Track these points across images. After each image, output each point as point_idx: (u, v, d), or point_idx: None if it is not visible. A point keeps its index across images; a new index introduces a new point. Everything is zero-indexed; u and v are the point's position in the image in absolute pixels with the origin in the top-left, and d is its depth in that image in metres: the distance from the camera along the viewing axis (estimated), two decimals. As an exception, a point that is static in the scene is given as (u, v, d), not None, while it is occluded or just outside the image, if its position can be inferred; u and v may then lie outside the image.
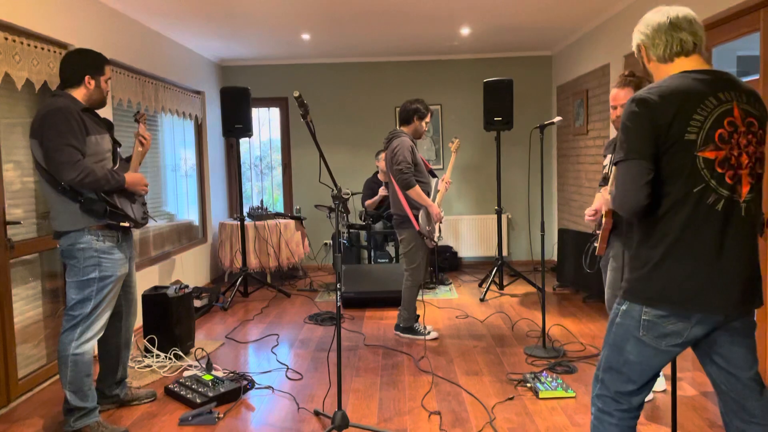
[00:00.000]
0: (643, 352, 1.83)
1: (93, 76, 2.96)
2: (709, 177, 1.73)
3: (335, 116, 7.42)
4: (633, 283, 1.84)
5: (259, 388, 3.59)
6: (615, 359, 1.89)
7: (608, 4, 5.13)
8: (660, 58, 1.88)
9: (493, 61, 7.34)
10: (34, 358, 3.70)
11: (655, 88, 1.77)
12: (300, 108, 2.85)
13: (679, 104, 1.72)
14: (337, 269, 2.92)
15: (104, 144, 2.98)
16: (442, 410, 3.23)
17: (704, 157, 1.73)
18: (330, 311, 5.32)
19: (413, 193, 4.29)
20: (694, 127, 1.72)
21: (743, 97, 1.79)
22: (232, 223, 6.45)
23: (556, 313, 5.13)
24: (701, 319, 1.78)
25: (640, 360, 1.85)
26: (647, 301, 1.80)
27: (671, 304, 1.77)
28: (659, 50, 1.87)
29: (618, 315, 1.89)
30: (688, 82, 1.76)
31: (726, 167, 1.74)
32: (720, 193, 1.74)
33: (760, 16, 3.40)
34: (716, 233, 1.74)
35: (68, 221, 2.88)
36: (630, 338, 1.85)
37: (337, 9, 5.02)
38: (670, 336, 1.80)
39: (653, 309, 1.79)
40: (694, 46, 1.85)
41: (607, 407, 1.93)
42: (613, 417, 1.92)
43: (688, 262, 1.75)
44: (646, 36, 1.90)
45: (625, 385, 1.89)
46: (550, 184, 7.39)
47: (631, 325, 1.84)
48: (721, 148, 1.73)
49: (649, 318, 1.80)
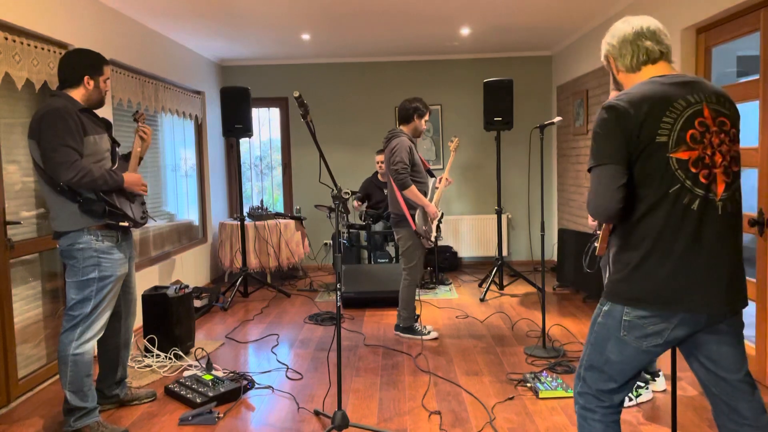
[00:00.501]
0: (624, 351, 1.85)
1: (92, 77, 2.96)
2: (683, 177, 1.75)
3: (335, 116, 7.42)
4: (614, 284, 1.86)
5: (259, 388, 3.59)
6: (596, 358, 1.91)
7: (608, 4, 5.13)
8: (628, 68, 1.92)
9: (493, 61, 7.34)
10: (34, 358, 3.70)
11: (624, 95, 1.80)
12: (300, 108, 2.85)
13: (648, 108, 1.75)
14: (337, 269, 2.92)
15: (103, 144, 2.98)
16: (442, 410, 3.23)
17: (677, 158, 1.75)
18: (330, 311, 5.32)
19: (409, 193, 4.31)
20: (665, 129, 1.74)
21: (713, 98, 1.81)
22: (232, 223, 6.45)
23: (556, 313, 5.13)
24: (683, 320, 1.78)
25: (621, 359, 1.86)
26: (628, 302, 1.82)
27: (651, 304, 1.78)
28: (626, 60, 1.91)
29: (600, 315, 1.91)
30: (656, 87, 1.79)
31: (700, 167, 1.76)
32: (695, 193, 1.75)
33: (760, 16, 3.40)
34: (693, 233, 1.76)
35: (67, 221, 2.88)
36: (611, 338, 1.86)
37: (337, 9, 5.02)
38: (651, 336, 1.81)
39: (634, 309, 1.81)
40: (660, 53, 1.88)
41: (589, 404, 1.95)
42: (596, 413, 1.93)
43: (667, 263, 1.77)
44: (612, 47, 1.94)
45: (606, 383, 1.91)
46: (550, 184, 7.39)
47: (613, 325, 1.85)
48: (693, 148, 1.75)
49: (630, 318, 1.82)
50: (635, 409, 3.17)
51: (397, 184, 4.31)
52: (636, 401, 3.22)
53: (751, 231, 3.46)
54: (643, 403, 3.23)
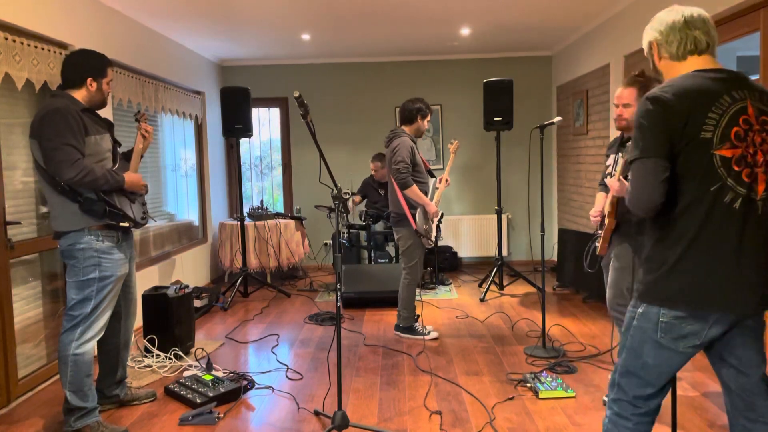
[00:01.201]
0: (661, 354, 1.82)
1: (95, 79, 2.96)
2: (725, 175, 1.72)
3: (335, 116, 7.42)
4: (650, 285, 1.82)
5: (259, 388, 3.59)
6: (633, 363, 1.87)
7: (608, 4, 5.13)
8: (673, 55, 1.87)
9: (493, 61, 7.34)
10: (34, 358, 3.70)
11: (669, 87, 1.76)
12: (300, 108, 2.85)
13: (693, 103, 1.72)
14: (337, 269, 2.92)
15: (104, 144, 2.98)
16: (442, 410, 3.23)
17: (721, 155, 1.71)
18: (330, 311, 5.32)
19: (410, 193, 4.32)
20: (710, 125, 1.71)
21: (756, 95, 1.78)
22: (232, 223, 6.45)
23: (556, 313, 5.13)
24: (718, 319, 1.76)
25: (658, 363, 1.83)
26: (665, 303, 1.78)
27: (689, 304, 1.75)
28: (673, 48, 1.86)
29: (635, 318, 1.86)
30: (701, 81, 1.76)
31: (743, 165, 1.73)
32: (737, 192, 1.73)
33: (760, 16, 3.40)
34: (734, 232, 1.73)
35: (68, 221, 2.88)
36: (648, 341, 1.83)
37: (337, 9, 5.02)
38: (688, 337, 1.78)
39: (671, 310, 1.78)
40: (707, 45, 1.85)
41: (624, 412, 1.91)
42: (630, 421, 1.90)
43: (706, 262, 1.74)
44: (660, 33, 1.88)
45: (643, 389, 1.87)
46: (550, 184, 7.39)
47: (649, 327, 1.82)
48: (737, 146, 1.72)
49: (667, 320, 1.78)
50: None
51: (399, 183, 4.32)
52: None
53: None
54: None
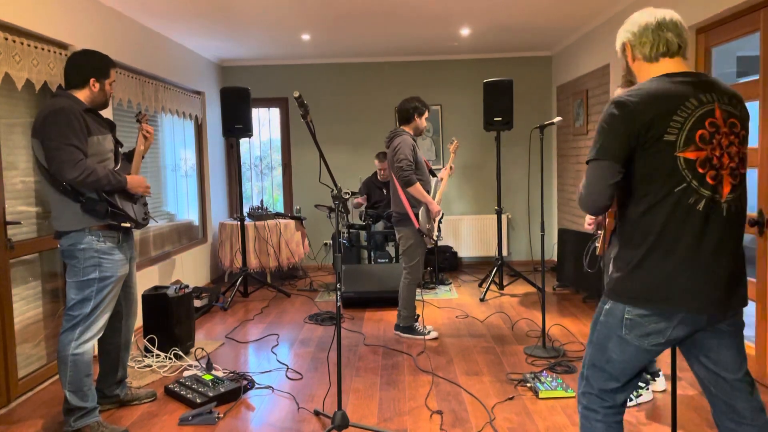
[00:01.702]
0: (626, 350, 1.85)
1: (98, 79, 2.96)
2: (690, 177, 1.74)
3: (335, 116, 7.42)
4: (615, 283, 1.86)
5: (259, 388, 3.59)
6: (598, 357, 1.91)
7: (608, 4, 5.13)
8: (646, 57, 1.89)
9: (493, 61, 7.34)
10: (34, 358, 3.70)
11: (635, 91, 1.79)
12: (300, 108, 2.85)
13: (658, 106, 1.74)
14: (337, 269, 2.92)
15: (106, 144, 2.98)
16: (442, 410, 3.23)
17: (685, 157, 1.74)
18: (330, 311, 5.32)
19: (414, 191, 4.32)
20: (674, 128, 1.73)
21: (725, 99, 1.80)
22: (232, 223, 6.45)
23: (556, 313, 5.13)
24: (683, 319, 1.78)
25: (623, 358, 1.86)
26: (629, 300, 1.82)
27: (652, 303, 1.78)
28: (645, 49, 1.88)
29: (601, 314, 1.91)
30: (668, 85, 1.78)
31: (707, 167, 1.75)
32: (701, 194, 1.75)
33: (760, 16, 3.40)
34: (697, 233, 1.75)
35: (69, 221, 2.88)
36: (613, 336, 1.86)
37: (337, 9, 5.02)
38: (653, 335, 1.81)
39: (635, 308, 1.81)
40: (678, 47, 1.87)
41: (592, 405, 1.95)
42: (598, 414, 1.94)
43: (668, 262, 1.76)
44: (632, 35, 1.91)
45: (608, 382, 1.91)
46: (550, 184, 7.39)
47: (614, 323, 1.86)
48: (702, 148, 1.74)
49: (632, 317, 1.82)
50: (635, 409, 3.17)
51: (402, 181, 4.31)
52: (636, 401, 3.22)
53: (750, 231, 3.46)
54: (643, 403, 3.23)
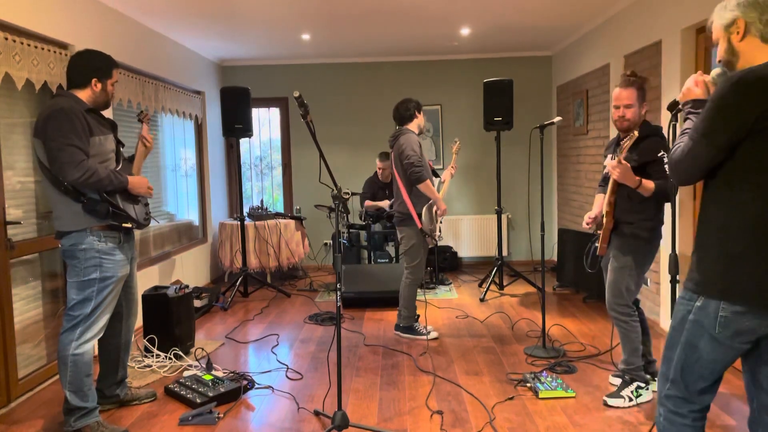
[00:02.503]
0: (717, 349, 1.78)
1: (100, 79, 2.96)
2: None
3: (335, 116, 7.42)
4: (709, 275, 1.76)
5: (259, 388, 3.59)
6: (688, 357, 1.83)
7: (608, 4, 5.13)
8: (765, 36, 1.75)
9: (493, 61, 7.34)
10: (34, 358, 3.70)
11: (755, 71, 1.67)
12: (300, 108, 2.85)
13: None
14: (337, 269, 2.92)
15: (108, 144, 2.98)
16: (442, 410, 3.23)
17: None
18: (330, 311, 5.32)
19: (424, 187, 4.31)
20: None
21: None
22: (232, 223, 6.45)
23: (556, 313, 5.13)
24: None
25: (713, 357, 1.79)
26: (725, 296, 1.72)
27: (752, 300, 1.69)
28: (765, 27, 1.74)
29: (692, 311, 1.81)
30: None
31: None
32: None
33: (760, 16, 3.40)
34: None
35: (70, 221, 2.88)
36: (705, 335, 1.78)
37: (337, 9, 5.02)
38: (745, 334, 1.73)
39: (732, 305, 1.72)
40: None
41: (680, 409, 1.89)
42: (686, 418, 1.88)
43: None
44: (753, 9, 1.76)
45: (696, 382, 1.84)
46: (550, 184, 7.39)
47: (707, 322, 1.77)
48: None
49: (727, 314, 1.73)
50: (635, 409, 3.16)
51: (413, 177, 4.30)
52: (636, 401, 3.21)
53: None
54: (643, 403, 3.23)
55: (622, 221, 3.15)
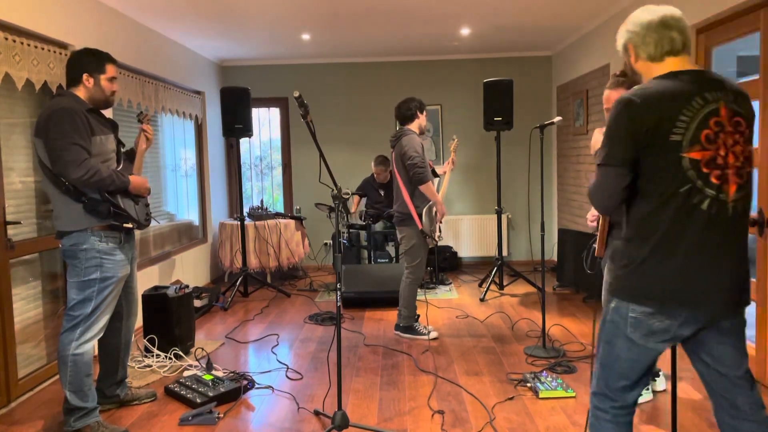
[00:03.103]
0: (633, 349, 1.85)
1: (91, 75, 2.94)
2: (695, 177, 1.73)
3: (335, 116, 7.42)
4: (619, 281, 1.86)
5: (259, 388, 3.59)
6: (607, 356, 1.92)
7: (608, 4, 5.13)
8: (650, 56, 1.87)
9: (493, 61, 7.34)
10: (34, 358, 3.70)
11: (641, 90, 1.77)
12: (300, 108, 2.85)
13: (664, 106, 1.73)
14: (337, 269, 2.92)
15: (109, 144, 2.97)
16: (443, 410, 3.23)
17: (690, 157, 1.73)
18: (330, 311, 5.32)
19: (425, 189, 4.32)
20: (680, 128, 1.72)
21: (730, 97, 1.78)
22: (232, 223, 6.45)
23: (556, 313, 5.13)
24: (687, 318, 1.79)
25: (630, 357, 1.87)
26: (633, 298, 1.82)
27: (656, 300, 1.78)
28: (650, 48, 1.86)
29: (608, 312, 1.91)
30: (674, 84, 1.77)
31: (712, 167, 1.74)
32: (706, 193, 1.74)
33: (760, 16, 3.40)
34: (701, 233, 1.75)
35: (71, 221, 2.88)
36: (620, 335, 1.87)
37: (337, 9, 5.02)
38: (657, 333, 1.81)
39: (640, 306, 1.81)
40: (683, 45, 1.85)
41: (602, 404, 1.95)
42: (608, 414, 1.94)
43: (673, 260, 1.76)
44: (635, 34, 1.88)
45: (618, 381, 1.91)
46: (550, 184, 7.39)
47: (620, 322, 1.86)
48: (707, 148, 1.73)
49: (636, 315, 1.82)
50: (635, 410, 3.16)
51: (416, 178, 4.30)
52: (636, 401, 3.21)
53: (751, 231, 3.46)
54: (643, 403, 3.23)
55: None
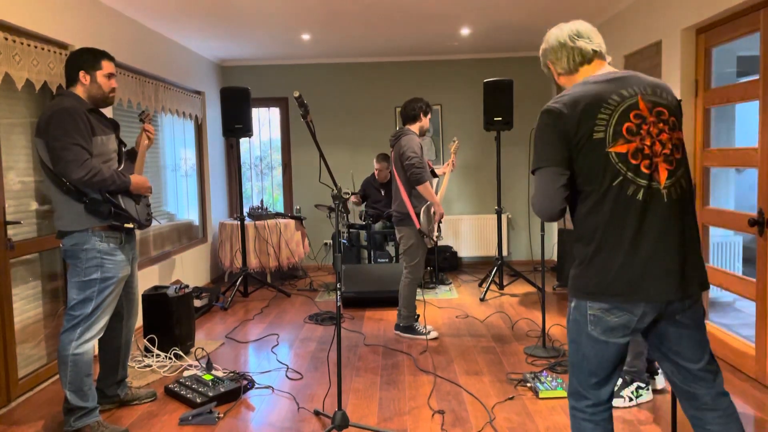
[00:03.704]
0: (596, 345, 1.88)
1: (87, 72, 2.94)
2: (625, 170, 1.79)
3: (335, 116, 7.42)
4: (574, 280, 1.90)
5: (259, 388, 3.59)
6: (575, 355, 1.95)
7: (608, 4, 5.13)
8: (566, 70, 1.99)
9: (493, 61, 7.34)
10: (34, 358, 3.70)
11: (560, 98, 1.86)
12: (300, 108, 2.85)
13: (583, 107, 1.80)
14: (337, 269, 2.92)
15: (110, 144, 2.97)
16: (443, 409, 3.23)
17: (616, 152, 1.79)
18: (330, 311, 5.32)
19: (423, 189, 4.32)
20: (601, 125, 1.80)
21: (648, 90, 1.86)
22: (232, 223, 6.45)
23: (556, 312, 5.13)
24: (644, 309, 1.81)
25: (596, 353, 1.89)
26: (588, 296, 1.85)
27: (609, 296, 1.82)
28: (563, 63, 1.98)
29: (570, 312, 1.95)
30: (589, 87, 1.85)
31: (640, 158, 1.80)
32: (638, 183, 1.79)
33: (760, 16, 3.41)
34: (638, 222, 1.79)
35: (72, 221, 2.88)
36: (582, 333, 1.90)
37: (336, 9, 5.02)
38: (618, 329, 1.84)
39: (596, 303, 1.84)
40: (593, 52, 1.95)
41: (578, 404, 1.97)
42: (585, 413, 1.95)
43: (617, 254, 1.80)
44: (549, 52, 2.00)
45: (589, 378, 1.93)
46: (550, 184, 7.38)
47: (581, 320, 1.89)
48: (630, 140, 1.80)
49: (594, 312, 1.85)
50: (636, 410, 3.17)
51: (414, 178, 4.30)
52: (636, 401, 3.22)
53: (751, 231, 3.46)
54: (643, 403, 3.23)
55: None
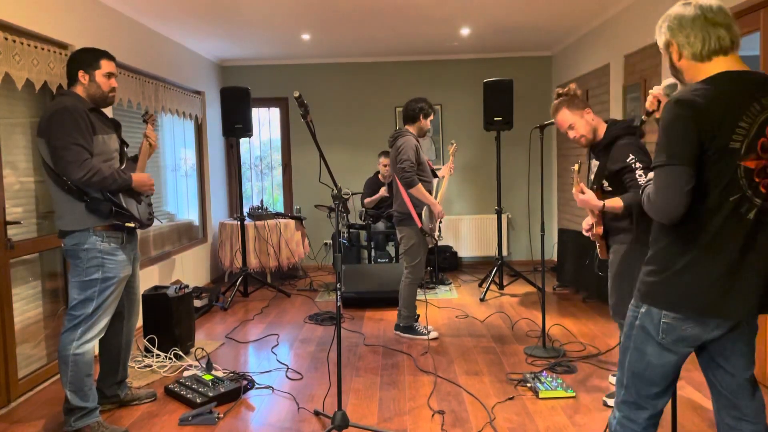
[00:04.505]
0: (664, 354, 1.82)
1: (86, 71, 2.94)
2: (746, 187, 1.67)
3: (335, 116, 7.42)
4: (653, 287, 1.80)
5: (259, 388, 3.59)
6: (638, 363, 1.88)
7: (608, 4, 5.13)
8: (696, 56, 1.74)
9: (493, 61, 7.34)
10: (34, 358, 3.70)
11: (701, 90, 1.67)
12: (300, 108, 2.85)
13: (724, 110, 1.64)
14: (337, 269, 2.92)
15: (111, 144, 2.97)
16: (443, 410, 3.23)
17: (745, 166, 1.66)
18: (330, 311, 5.32)
19: (416, 192, 4.32)
20: (739, 134, 1.64)
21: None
22: (232, 223, 6.45)
23: (556, 313, 5.13)
24: (718, 325, 1.77)
25: (661, 362, 1.83)
26: (667, 305, 1.77)
27: (691, 309, 1.75)
28: (696, 47, 1.73)
29: (637, 318, 1.86)
30: (731, 87, 1.68)
31: (762, 176, 1.68)
32: (754, 203, 1.68)
33: (760, 16, 3.40)
34: (744, 242, 1.70)
35: (73, 221, 2.88)
36: (650, 341, 1.83)
37: (336, 9, 5.02)
38: (689, 339, 1.79)
39: (672, 312, 1.77)
40: (731, 43, 1.73)
41: (633, 415, 1.91)
42: (638, 425, 1.91)
43: (713, 270, 1.71)
44: (679, 32, 1.75)
45: (649, 388, 1.88)
46: (550, 184, 7.39)
47: (650, 328, 1.82)
48: (761, 157, 1.67)
49: (668, 321, 1.78)
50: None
51: (404, 182, 4.31)
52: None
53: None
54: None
55: (611, 227, 3.10)
